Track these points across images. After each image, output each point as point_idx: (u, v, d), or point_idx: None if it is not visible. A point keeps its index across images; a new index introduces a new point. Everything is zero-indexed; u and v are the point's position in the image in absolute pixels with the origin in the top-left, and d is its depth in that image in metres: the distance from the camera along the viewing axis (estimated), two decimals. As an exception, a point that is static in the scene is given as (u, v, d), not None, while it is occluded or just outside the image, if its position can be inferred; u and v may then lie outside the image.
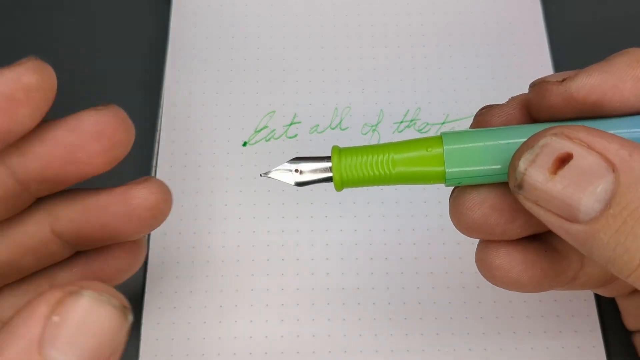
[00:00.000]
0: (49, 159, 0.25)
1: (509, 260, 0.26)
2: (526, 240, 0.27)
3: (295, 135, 0.41)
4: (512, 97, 0.27)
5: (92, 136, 0.25)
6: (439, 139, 0.24)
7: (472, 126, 0.27)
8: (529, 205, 0.22)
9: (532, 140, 0.22)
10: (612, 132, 0.22)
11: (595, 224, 0.20)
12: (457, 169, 0.23)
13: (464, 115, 0.42)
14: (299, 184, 0.25)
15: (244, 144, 0.41)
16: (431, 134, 0.41)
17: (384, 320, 0.36)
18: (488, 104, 0.41)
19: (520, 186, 0.22)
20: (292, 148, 0.40)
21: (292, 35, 0.45)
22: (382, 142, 0.41)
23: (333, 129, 0.41)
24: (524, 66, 0.44)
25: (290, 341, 0.35)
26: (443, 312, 0.36)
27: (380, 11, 0.46)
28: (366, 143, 0.41)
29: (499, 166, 0.23)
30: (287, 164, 0.25)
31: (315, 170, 0.24)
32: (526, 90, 0.42)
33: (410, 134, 0.41)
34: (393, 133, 0.41)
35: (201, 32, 0.45)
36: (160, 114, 0.42)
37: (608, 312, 0.36)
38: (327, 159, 0.24)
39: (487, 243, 0.27)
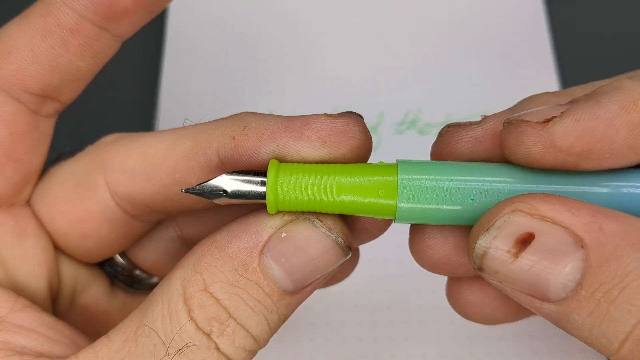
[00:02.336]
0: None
1: (482, 296, 0.25)
2: None
3: (294, 137, 0.41)
4: (485, 117, 0.23)
5: None
6: (394, 167, 0.21)
7: (434, 144, 0.24)
8: (494, 284, 0.20)
9: (487, 220, 0.19)
10: (598, 188, 0.20)
11: (567, 305, 0.18)
12: (410, 205, 0.20)
13: (465, 116, 0.41)
14: (228, 197, 0.21)
15: (242, 146, 0.40)
16: (432, 135, 0.41)
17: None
18: (487, 102, 0.41)
19: (480, 269, 0.19)
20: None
21: (291, 35, 0.44)
22: (382, 145, 0.40)
23: (332, 130, 0.41)
24: (526, 65, 0.43)
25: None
26: (446, 334, 0.36)
27: (380, 11, 0.45)
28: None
29: (458, 207, 0.20)
30: (220, 177, 0.21)
31: (246, 186, 0.21)
32: (527, 92, 0.42)
33: (411, 136, 0.41)
34: (393, 135, 0.41)
35: (199, 31, 0.44)
36: (157, 115, 0.41)
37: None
38: (262, 174, 0.21)
39: (457, 278, 0.25)
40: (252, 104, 0.42)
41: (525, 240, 0.19)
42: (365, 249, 0.37)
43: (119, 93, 0.43)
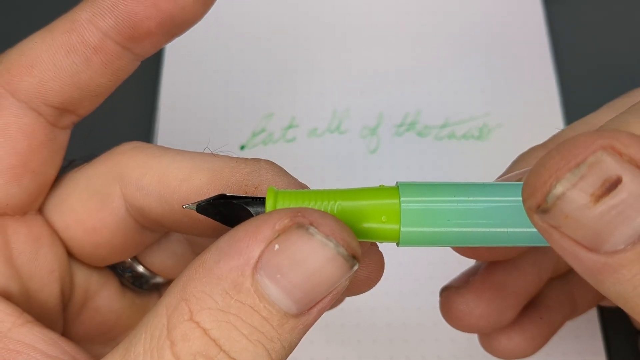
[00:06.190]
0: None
1: (510, 343, 0.28)
2: (521, 314, 0.28)
3: (294, 139, 0.41)
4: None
5: None
6: (395, 191, 0.20)
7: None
8: (543, 227, 0.18)
9: (573, 155, 0.17)
10: None
11: (619, 257, 0.17)
12: (414, 229, 0.20)
13: (464, 118, 0.41)
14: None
15: (242, 148, 0.40)
16: (432, 137, 0.41)
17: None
18: (487, 104, 0.41)
19: (546, 210, 0.17)
20: (290, 152, 0.40)
21: (290, 37, 0.44)
22: (382, 146, 0.41)
23: (332, 132, 0.41)
24: (525, 67, 0.43)
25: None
26: (446, 336, 0.36)
27: (379, 12, 0.45)
28: (365, 148, 0.40)
29: (464, 229, 0.20)
30: (212, 200, 0.21)
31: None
32: (526, 94, 0.42)
33: (411, 138, 0.41)
34: (393, 136, 0.41)
35: (198, 33, 0.44)
36: (157, 117, 0.41)
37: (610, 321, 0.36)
38: (260, 201, 0.20)
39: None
40: (251, 106, 0.42)
41: (612, 183, 0.17)
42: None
43: (119, 94, 0.43)
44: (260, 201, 0.20)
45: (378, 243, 0.23)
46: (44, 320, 0.24)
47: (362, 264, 0.23)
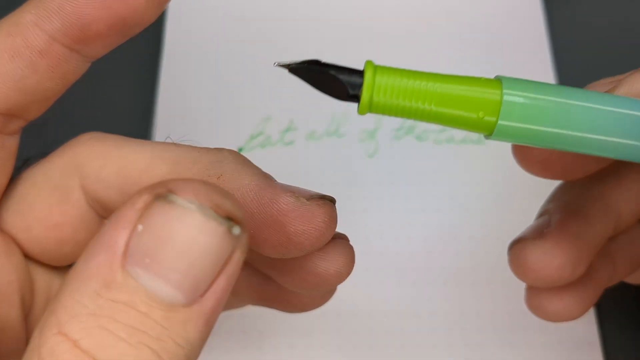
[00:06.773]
0: None
1: (562, 303, 0.27)
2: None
3: (292, 142, 0.41)
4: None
5: None
6: (497, 83, 0.20)
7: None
8: None
9: None
10: None
11: None
12: (512, 124, 0.19)
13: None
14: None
15: (240, 151, 0.40)
16: (430, 141, 0.41)
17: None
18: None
19: None
20: (288, 155, 0.40)
21: (288, 37, 0.44)
22: (380, 150, 0.40)
23: (330, 135, 0.41)
24: (525, 66, 0.43)
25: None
26: (441, 339, 0.36)
27: (378, 12, 0.45)
28: (364, 151, 0.40)
29: (567, 132, 0.20)
30: (307, 65, 0.20)
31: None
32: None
33: (410, 142, 0.40)
34: (391, 140, 0.41)
35: (196, 35, 0.44)
36: (154, 119, 0.41)
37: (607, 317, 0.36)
38: (357, 73, 0.19)
39: (537, 290, 0.27)
40: (248, 108, 0.42)
41: None
42: (360, 254, 0.36)
43: (116, 95, 0.43)
44: (358, 73, 0.19)
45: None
46: (5, 334, 0.23)
47: (331, 259, 0.22)
